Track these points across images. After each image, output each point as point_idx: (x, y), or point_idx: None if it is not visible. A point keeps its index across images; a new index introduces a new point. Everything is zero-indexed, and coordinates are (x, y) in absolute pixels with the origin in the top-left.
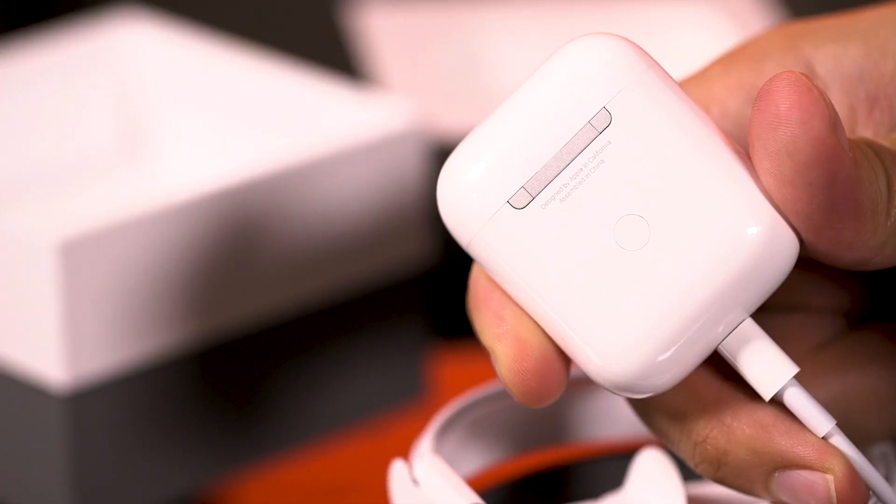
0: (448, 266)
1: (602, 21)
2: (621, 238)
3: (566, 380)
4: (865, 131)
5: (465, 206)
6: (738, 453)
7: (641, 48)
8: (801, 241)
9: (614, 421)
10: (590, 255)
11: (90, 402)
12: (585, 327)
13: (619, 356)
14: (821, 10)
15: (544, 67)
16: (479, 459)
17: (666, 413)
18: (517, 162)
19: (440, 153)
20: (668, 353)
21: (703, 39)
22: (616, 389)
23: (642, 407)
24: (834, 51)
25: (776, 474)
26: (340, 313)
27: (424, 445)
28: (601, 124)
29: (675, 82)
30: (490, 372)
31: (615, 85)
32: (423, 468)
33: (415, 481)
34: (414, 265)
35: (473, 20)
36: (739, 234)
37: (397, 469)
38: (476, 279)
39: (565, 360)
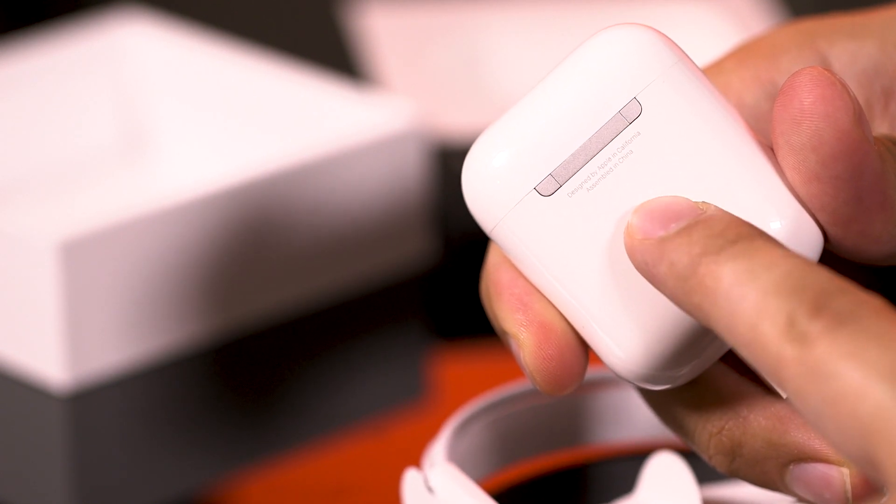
0: (448, 266)
1: (602, 21)
2: None
3: (586, 368)
4: (881, 125)
5: (490, 191)
6: (754, 445)
7: (671, 39)
8: (827, 237)
9: (628, 423)
10: (615, 245)
11: (91, 403)
12: (608, 318)
13: (641, 348)
14: (820, 9)
15: (574, 56)
16: (490, 464)
17: (682, 403)
18: (545, 149)
19: (440, 153)
20: (690, 346)
21: (703, 39)
22: (636, 380)
23: (658, 398)
24: (849, 46)
25: (791, 467)
26: (340, 314)
27: (437, 453)
28: (631, 115)
29: (704, 75)
30: (493, 374)
31: (646, 76)
32: (438, 476)
33: (430, 489)
34: (414, 265)
35: (473, 20)
36: (763, 228)
37: (411, 477)
38: (496, 266)
39: (586, 348)
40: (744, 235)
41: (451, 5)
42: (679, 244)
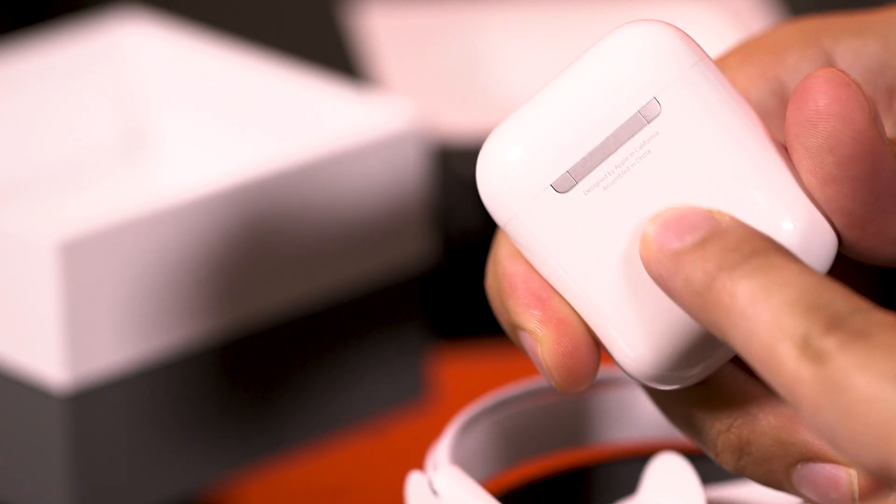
0: (448, 266)
1: (602, 21)
2: None
3: (599, 365)
4: (886, 122)
5: (506, 185)
6: (762, 443)
7: (691, 38)
8: (841, 239)
9: (632, 422)
10: (629, 245)
11: (90, 403)
12: (620, 317)
13: (652, 348)
14: (820, 9)
15: (593, 52)
16: (493, 464)
17: (691, 401)
18: (563, 145)
19: (440, 153)
20: (701, 347)
21: (703, 39)
22: (646, 380)
23: (665, 394)
24: (853, 45)
25: (798, 466)
26: (340, 314)
27: (441, 455)
28: (651, 114)
29: (723, 75)
30: (493, 375)
31: (667, 75)
32: (443, 479)
33: (434, 492)
34: (414, 265)
35: (474, 20)
36: (775, 229)
37: (415, 479)
38: (508, 260)
39: (599, 345)
40: (759, 250)
41: (451, 5)
42: (694, 258)
